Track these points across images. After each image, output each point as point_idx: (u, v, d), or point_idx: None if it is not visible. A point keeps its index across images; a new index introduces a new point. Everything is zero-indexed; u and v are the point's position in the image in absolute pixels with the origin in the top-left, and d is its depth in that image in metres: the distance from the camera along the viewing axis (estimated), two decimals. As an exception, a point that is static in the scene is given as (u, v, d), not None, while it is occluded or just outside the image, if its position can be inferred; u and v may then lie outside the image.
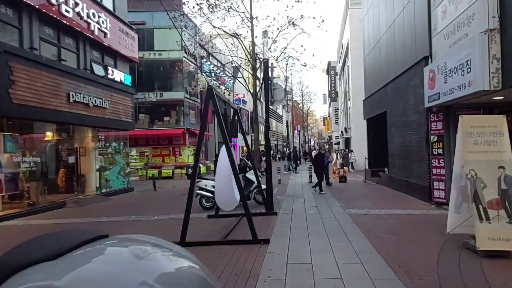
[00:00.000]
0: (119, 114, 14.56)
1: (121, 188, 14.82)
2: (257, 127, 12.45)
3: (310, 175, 15.43)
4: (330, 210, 8.17)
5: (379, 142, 15.69)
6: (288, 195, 11.15)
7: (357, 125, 25.25)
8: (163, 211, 8.98)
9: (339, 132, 41.16)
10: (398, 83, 11.34)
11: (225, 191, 6.00)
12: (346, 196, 10.57)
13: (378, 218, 7.08)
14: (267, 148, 8.10)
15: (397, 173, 11.71)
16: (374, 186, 13.50)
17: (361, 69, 24.95)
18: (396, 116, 11.60)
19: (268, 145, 8.05)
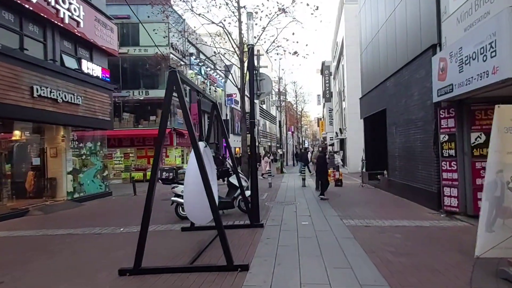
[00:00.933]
0: (95, 112, 13.31)
1: (97, 193, 13.55)
2: (245, 127, 11.30)
3: (303, 179, 14.31)
4: (326, 220, 7.03)
5: (377, 142, 14.64)
6: (279, 202, 10.01)
7: (352, 126, 24.26)
8: (134, 221, 7.78)
9: (333, 133, 40.21)
10: (399, 78, 10.28)
11: (196, 201, 4.85)
12: (343, 203, 9.46)
13: (382, 231, 5.97)
14: (253, 148, 6.97)
15: (398, 177, 10.65)
16: (372, 191, 12.42)
17: (356, 66, 23.99)
18: (397, 114, 10.54)
19: (254, 144, 6.93)
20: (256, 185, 7.01)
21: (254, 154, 6.96)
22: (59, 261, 4.99)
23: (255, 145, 7.01)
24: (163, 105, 4.39)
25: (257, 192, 7.01)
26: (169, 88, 4.29)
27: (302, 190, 12.89)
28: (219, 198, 8.06)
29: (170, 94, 4.35)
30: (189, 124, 4.33)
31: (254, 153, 6.95)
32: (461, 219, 6.77)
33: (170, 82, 4.29)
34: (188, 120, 4.32)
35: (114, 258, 4.97)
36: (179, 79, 4.28)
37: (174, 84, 4.27)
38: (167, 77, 4.31)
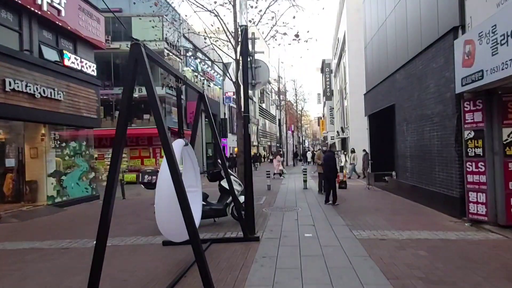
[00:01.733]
0: (79, 109, 12.30)
1: (82, 196, 12.54)
2: (241, 123, 10.29)
3: (304, 180, 13.31)
4: (332, 231, 6.02)
5: (384, 141, 13.64)
6: (278, 207, 9.00)
7: (355, 124, 23.24)
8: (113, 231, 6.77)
9: (334, 132, 39.22)
10: (411, 69, 9.28)
11: (170, 213, 3.85)
12: (350, 208, 8.45)
13: (402, 247, 4.96)
14: (247, 146, 5.96)
15: (410, 179, 9.64)
16: (380, 194, 11.40)
17: (359, 62, 22.97)
18: (409, 109, 9.54)
19: (248, 142, 5.93)
20: (251, 191, 6.00)
21: (248, 154, 5.96)
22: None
23: (249, 143, 6.01)
24: (123, 91, 3.39)
25: (252, 199, 6.00)
26: (131, 66, 3.29)
27: (304, 193, 11.88)
28: (209, 204, 7.06)
29: (133, 74, 3.35)
30: (157, 112, 3.33)
31: (248, 152, 5.95)
32: (491, 230, 5.76)
33: (132, 57, 3.29)
34: (155, 107, 3.32)
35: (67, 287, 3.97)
36: (144, 54, 3.28)
37: (137, 60, 3.27)
38: (132, 51, 3.29)
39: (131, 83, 3.35)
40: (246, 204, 5.96)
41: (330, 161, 9.59)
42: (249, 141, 5.96)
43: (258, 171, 26.07)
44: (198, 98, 5.60)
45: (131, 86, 3.36)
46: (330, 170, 9.51)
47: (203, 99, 5.54)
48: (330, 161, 9.56)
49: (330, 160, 9.58)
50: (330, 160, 9.58)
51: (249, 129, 5.95)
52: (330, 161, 9.57)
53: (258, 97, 55.01)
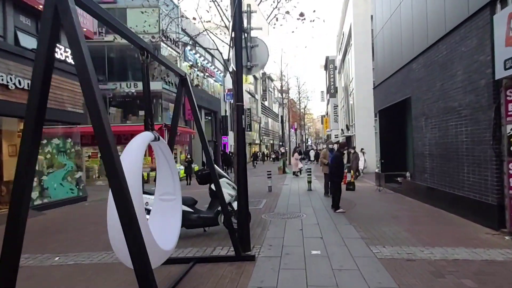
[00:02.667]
0: (62, 103, 11.27)
1: (67, 198, 11.49)
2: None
3: (309, 181, 12.19)
4: (346, 247, 4.92)
5: (395, 139, 12.52)
6: (279, 213, 7.89)
7: (361, 122, 22.11)
8: (87, 242, 5.74)
9: (339, 130, 38.02)
10: (432, 56, 8.13)
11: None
12: (363, 215, 7.34)
13: (439, 272, 3.84)
14: (240, 142, 4.86)
15: (429, 181, 8.50)
16: (393, 197, 10.27)
17: (366, 56, 21.81)
18: (429, 102, 8.40)
19: (243, 137, 4.84)
20: (245, 197, 4.90)
21: (243, 151, 4.87)
22: None
23: (243, 139, 4.92)
24: (34, 66, 2.29)
25: (246, 207, 4.90)
26: (48, 14, 2.21)
27: (308, 195, 10.77)
28: (197, 212, 5.98)
29: (52, 30, 2.27)
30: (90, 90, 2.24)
31: (242, 149, 4.87)
32: (543, 247, 4.64)
33: (50, 4, 2.20)
34: (86, 82, 2.23)
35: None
36: None
37: (57, 7, 2.18)
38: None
39: (50, 41, 2.26)
40: (240, 213, 4.87)
41: (337, 162, 8.42)
42: (243, 135, 4.87)
43: (259, 170, 24.96)
44: (179, 83, 4.51)
45: (51, 45, 2.27)
46: (336, 174, 8.35)
47: (185, 83, 4.45)
48: (337, 163, 8.39)
49: (337, 161, 8.40)
50: (337, 161, 8.40)
51: (243, 121, 4.85)
52: (338, 163, 8.38)
53: (261, 95, 53.90)
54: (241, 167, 4.85)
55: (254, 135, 47.78)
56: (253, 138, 46.97)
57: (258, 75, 51.46)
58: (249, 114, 42.07)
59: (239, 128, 4.83)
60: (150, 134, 3.27)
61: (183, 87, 4.51)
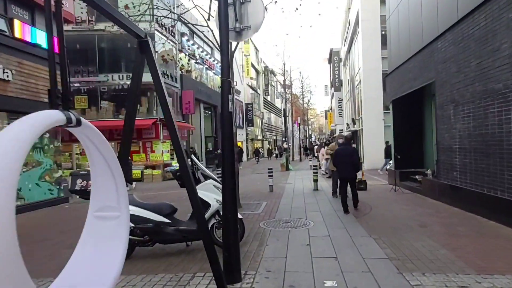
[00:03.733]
0: (37, 93, 10.00)
1: (45, 200, 10.27)
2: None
3: (315, 180, 10.87)
4: (371, 275, 3.61)
5: (411, 131, 11.20)
6: (281, 220, 6.59)
7: (369, 114, 20.70)
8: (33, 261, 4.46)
9: (343, 125, 36.63)
10: (465, 29, 6.76)
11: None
12: (383, 223, 6.03)
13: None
14: (227, 131, 3.54)
15: (460, 180, 7.15)
16: (412, 198, 8.94)
17: (374, 44, 20.35)
18: (461, 85, 7.03)
19: (229, 125, 3.53)
20: (232, 206, 3.59)
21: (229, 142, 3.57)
22: None
23: (230, 126, 3.61)
24: None
25: (234, 221, 3.60)
26: None
27: (315, 196, 9.46)
28: (176, 223, 4.69)
29: None
30: None
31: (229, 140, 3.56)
32: None
33: None
34: None
35: None
36: None
37: None
38: None
39: None
40: (225, 229, 3.57)
41: (347, 157, 7.19)
42: (230, 122, 3.57)
43: (261, 166, 23.66)
44: (138, 47, 3.20)
45: None
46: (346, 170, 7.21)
47: (146, 48, 3.14)
48: (348, 158, 7.16)
49: (347, 155, 7.19)
50: (347, 155, 7.19)
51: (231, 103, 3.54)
52: (348, 158, 7.16)
53: (263, 89, 52.47)
54: (227, 163, 3.54)
55: (256, 131, 46.44)
56: (255, 134, 45.64)
57: (260, 68, 50.03)
58: (251, 109, 40.75)
59: (225, 112, 3.53)
60: (55, 114, 1.92)
61: (144, 53, 3.20)
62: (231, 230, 3.56)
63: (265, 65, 52.90)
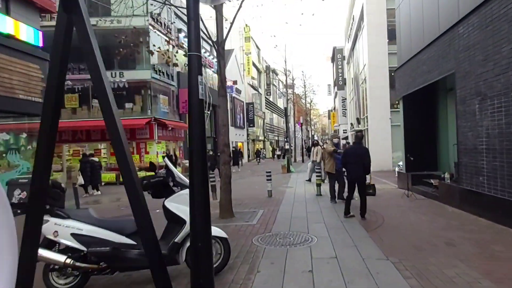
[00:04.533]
0: (11, 89, 9.08)
1: (21, 206, 9.32)
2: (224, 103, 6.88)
3: (318, 184, 9.87)
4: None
5: (424, 131, 10.22)
6: (278, 235, 5.59)
7: (375, 113, 19.67)
8: None
9: (347, 125, 35.57)
10: (494, 9, 5.74)
11: None
12: (400, 239, 5.02)
13: None
14: (195, 129, 2.53)
15: (488, 187, 6.12)
16: (428, 206, 7.91)
17: (380, 39, 19.27)
18: (489, 76, 6.01)
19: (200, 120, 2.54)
20: (204, 230, 2.58)
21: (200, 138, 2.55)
22: None
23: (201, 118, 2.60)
24: None
25: (207, 251, 2.59)
26: None
27: (318, 203, 8.46)
28: (140, 246, 3.72)
29: None
30: None
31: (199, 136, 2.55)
32: None
33: None
34: None
35: None
36: None
37: None
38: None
39: None
40: (194, 260, 2.57)
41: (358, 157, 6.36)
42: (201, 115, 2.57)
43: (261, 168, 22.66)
44: (60, 4, 2.24)
45: None
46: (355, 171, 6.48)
47: (71, 4, 2.17)
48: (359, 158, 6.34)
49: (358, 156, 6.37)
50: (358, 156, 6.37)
51: (202, 86, 2.54)
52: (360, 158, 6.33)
53: (265, 89, 51.49)
54: (196, 169, 2.54)
55: (258, 131, 45.46)
56: (256, 135, 44.65)
57: (262, 68, 49.07)
58: (252, 109, 39.76)
59: (193, 100, 2.54)
60: None
61: (69, 13, 2.24)
62: (203, 262, 2.57)
63: (266, 64, 51.94)
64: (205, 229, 2.57)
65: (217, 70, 7.40)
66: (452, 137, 9.44)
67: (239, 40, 39.34)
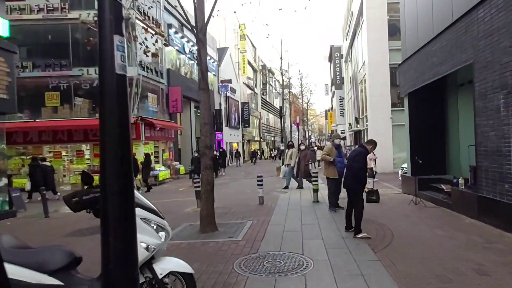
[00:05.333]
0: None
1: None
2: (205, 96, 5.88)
3: (315, 190, 8.86)
4: None
5: (431, 131, 9.28)
6: (265, 257, 4.58)
7: (375, 113, 18.75)
8: None
9: (345, 125, 34.66)
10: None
11: None
12: (416, 264, 4.03)
13: None
14: (106, 115, 1.57)
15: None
16: (442, 216, 6.94)
17: (381, 34, 18.29)
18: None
19: (122, 105, 1.58)
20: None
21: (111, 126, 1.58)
22: None
23: (123, 101, 1.62)
24: None
25: None
26: None
27: (315, 212, 7.45)
28: (68, 284, 2.67)
29: None
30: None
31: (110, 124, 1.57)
32: None
33: None
34: None
35: None
36: None
37: None
38: None
39: None
40: None
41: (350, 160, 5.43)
42: (121, 93, 1.58)
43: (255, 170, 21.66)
44: None
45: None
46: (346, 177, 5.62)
47: None
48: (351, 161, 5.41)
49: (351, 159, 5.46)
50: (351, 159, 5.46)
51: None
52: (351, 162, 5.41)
53: (261, 88, 50.44)
54: (111, 176, 1.53)
55: (253, 132, 44.44)
56: (252, 135, 43.62)
57: (257, 67, 48.00)
58: (247, 109, 38.75)
59: (105, 76, 1.55)
60: None
61: None
62: None
63: (262, 63, 50.95)
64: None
65: (197, 60, 6.38)
66: (464, 137, 8.50)
67: (234, 38, 38.34)
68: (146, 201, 3.03)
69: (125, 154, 1.62)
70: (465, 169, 7.96)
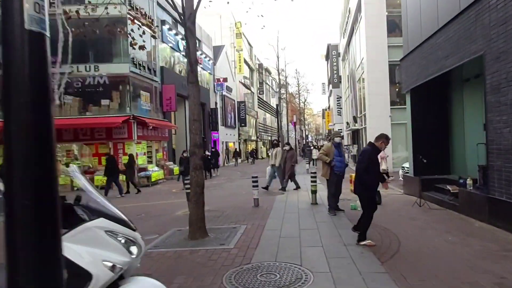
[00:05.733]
0: None
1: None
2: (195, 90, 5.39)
3: (313, 191, 8.38)
4: None
5: (434, 129, 8.85)
6: (259, 269, 4.09)
7: (374, 111, 18.32)
8: None
9: (343, 124, 34.25)
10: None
11: None
12: (428, 278, 3.56)
13: None
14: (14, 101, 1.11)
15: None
16: (449, 218, 6.49)
17: (379, 31, 17.84)
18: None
19: (40, 79, 1.12)
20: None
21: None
22: None
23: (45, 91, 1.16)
24: None
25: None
26: None
27: (313, 215, 6.97)
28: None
29: None
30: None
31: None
32: None
33: None
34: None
35: None
36: None
37: None
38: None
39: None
40: None
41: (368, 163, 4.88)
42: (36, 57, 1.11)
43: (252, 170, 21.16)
44: None
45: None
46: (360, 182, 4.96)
47: None
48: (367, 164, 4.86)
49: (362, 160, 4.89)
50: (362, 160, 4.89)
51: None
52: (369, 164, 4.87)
53: (257, 87, 49.95)
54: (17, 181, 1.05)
55: (250, 131, 43.95)
56: (249, 134, 43.12)
57: (254, 66, 47.51)
58: (243, 108, 38.23)
59: (9, 33, 1.06)
60: None
61: None
62: None
63: (259, 62, 50.43)
64: None
65: (185, 51, 5.87)
66: (469, 135, 8.06)
67: (230, 36, 37.80)
68: (114, 209, 2.52)
69: (43, 149, 1.12)
70: (472, 169, 7.53)
